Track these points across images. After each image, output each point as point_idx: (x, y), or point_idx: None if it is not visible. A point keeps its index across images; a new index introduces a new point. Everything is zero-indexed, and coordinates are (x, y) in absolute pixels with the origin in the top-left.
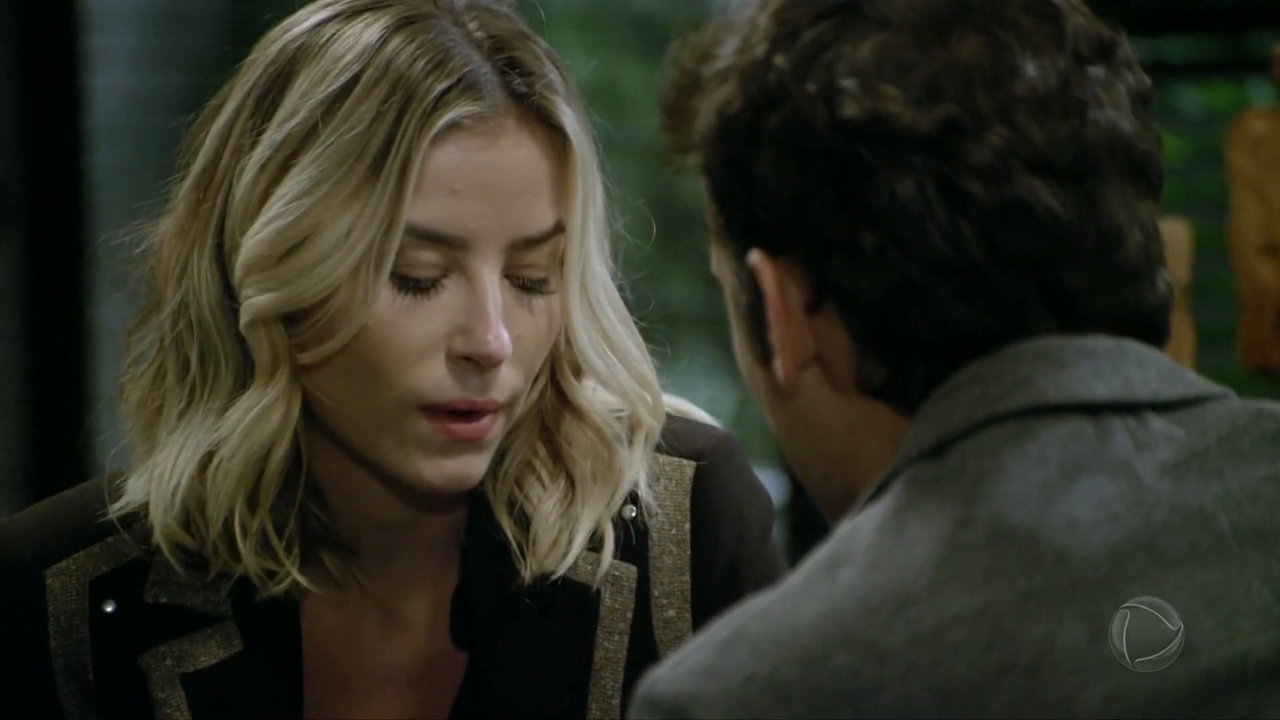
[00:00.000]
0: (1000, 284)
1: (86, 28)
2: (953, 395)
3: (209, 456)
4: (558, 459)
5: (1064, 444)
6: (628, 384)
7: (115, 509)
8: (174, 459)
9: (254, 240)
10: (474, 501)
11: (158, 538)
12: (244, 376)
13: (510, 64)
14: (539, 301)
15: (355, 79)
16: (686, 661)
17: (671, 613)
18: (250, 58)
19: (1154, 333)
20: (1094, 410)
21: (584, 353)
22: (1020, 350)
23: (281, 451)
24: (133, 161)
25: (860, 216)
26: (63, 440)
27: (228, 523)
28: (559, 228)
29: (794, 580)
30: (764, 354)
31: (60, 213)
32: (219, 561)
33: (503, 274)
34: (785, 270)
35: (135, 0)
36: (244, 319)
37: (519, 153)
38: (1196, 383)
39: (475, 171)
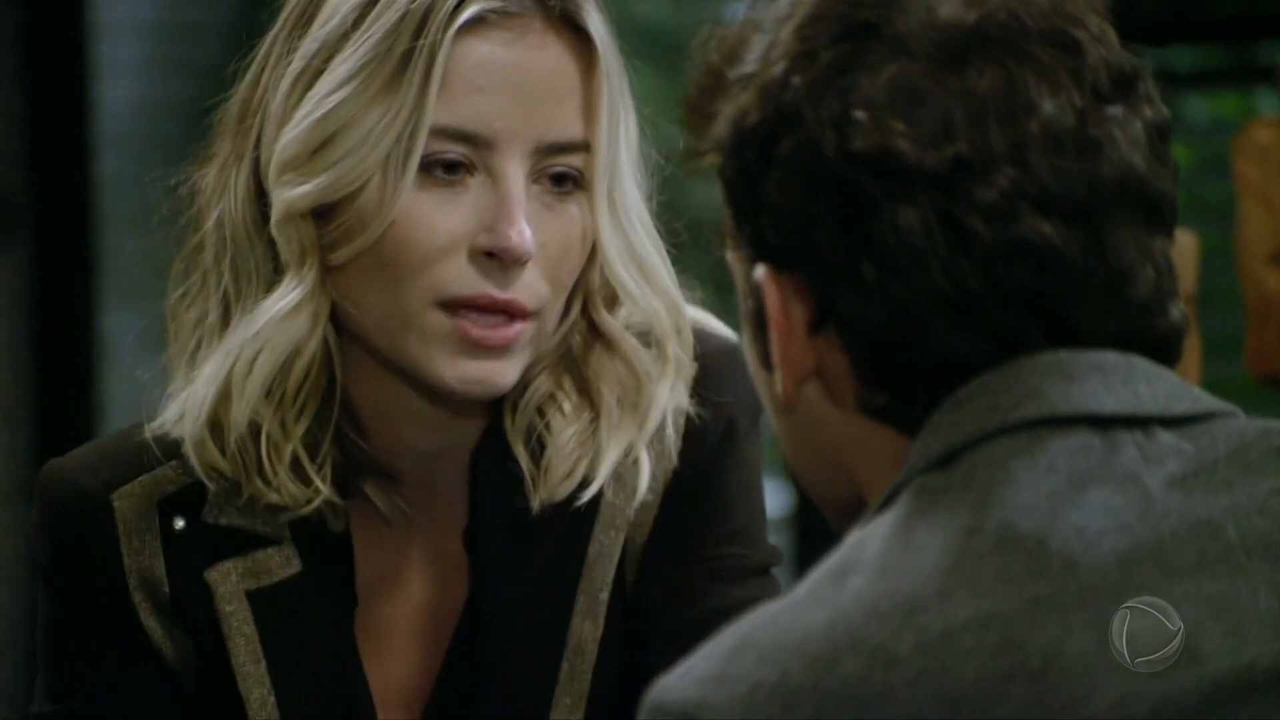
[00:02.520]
0: (1000, 318)
1: (93, 36)
2: (963, 405)
3: (231, 379)
4: (583, 390)
5: (1073, 455)
6: (657, 307)
7: (154, 427)
8: (208, 370)
9: (287, 139)
10: (489, 434)
11: (187, 449)
12: (274, 281)
13: None
14: (568, 208)
15: None
16: (694, 669)
17: (649, 497)
18: None
19: (1164, 356)
20: (1103, 423)
21: (613, 269)
22: (1031, 363)
23: (308, 356)
24: (140, 170)
25: (862, 245)
26: (71, 448)
27: (256, 436)
28: (585, 145)
29: (802, 588)
30: (766, 360)
31: (67, 222)
32: (250, 485)
33: (531, 180)
34: (790, 287)
35: (142, 9)
36: (275, 215)
37: (545, 54)
38: (1204, 399)
39: (501, 69)
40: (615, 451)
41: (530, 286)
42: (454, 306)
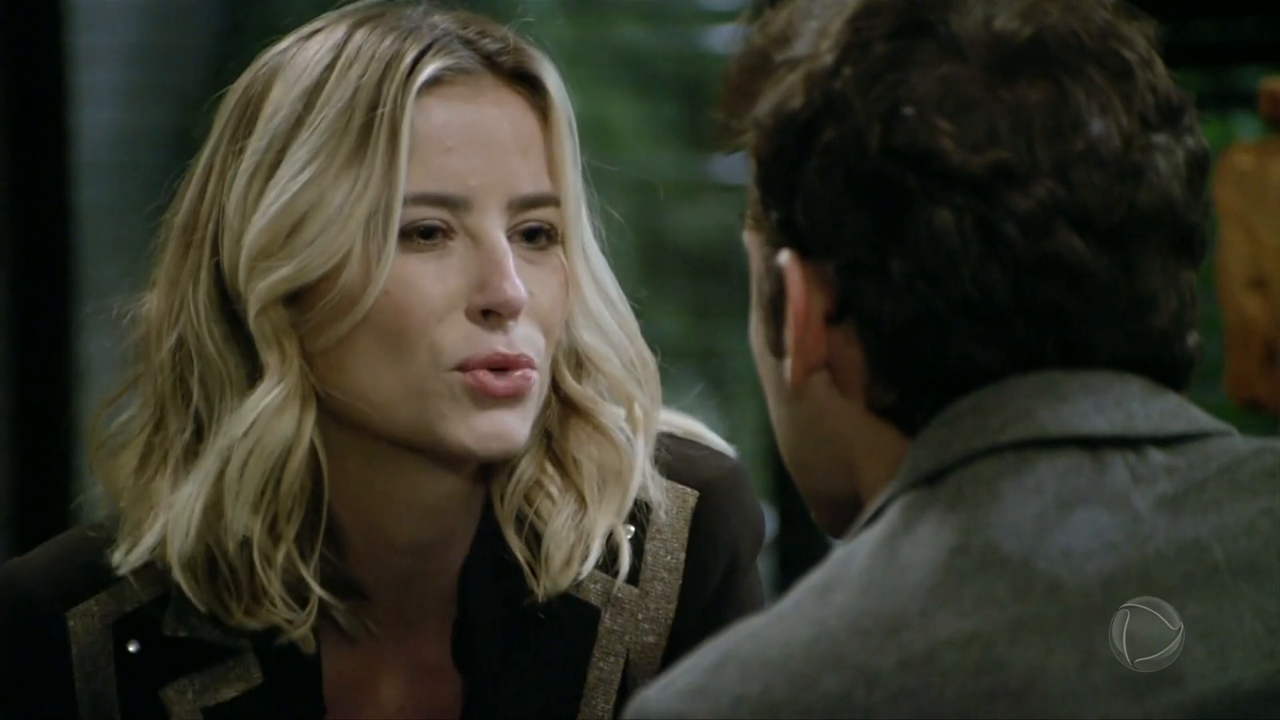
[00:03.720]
0: (1021, 331)
1: (73, 63)
2: (952, 424)
3: (222, 485)
4: (566, 472)
5: (1061, 477)
6: (622, 368)
7: (130, 560)
8: (189, 489)
9: (255, 230)
10: (481, 530)
11: (175, 575)
12: (251, 386)
13: (480, 34)
14: (549, 260)
15: (330, 67)
16: (676, 683)
17: (651, 639)
18: (218, 108)
19: (1174, 384)
20: (1093, 444)
21: (586, 325)
22: (1022, 382)
23: (300, 455)
24: (120, 197)
25: (894, 243)
26: (50, 476)
27: (246, 548)
28: (553, 200)
29: (786, 603)
30: (777, 345)
31: (47, 249)
32: (240, 606)
33: (507, 235)
34: (813, 276)
35: (123, 36)
36: (253, 309)
37: (504, 109)
38: (1201, 419)
39: (464, 127)
40: (601, 533)
41: (529, 338)
42: (464, 367)
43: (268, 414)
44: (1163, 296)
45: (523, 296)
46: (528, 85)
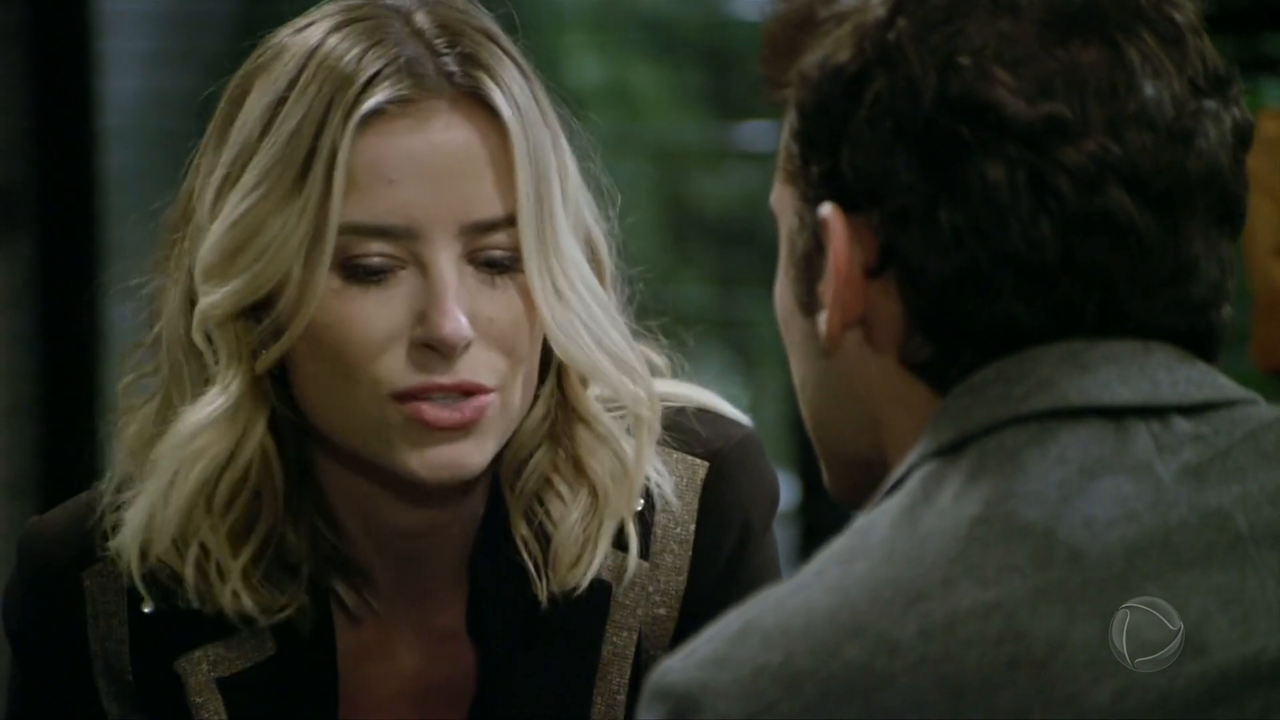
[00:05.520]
0: (1065, 290)
1: (99, 30)
2: (975, 392)
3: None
4: (579, 470)
5: (1084, 446)
6: (614, 376)
7: (114, 544)
8: (148, 485)
9: (205, 249)
10: (489, 516)
11: (131, 570)
12: (202, 392)
13: (449, 46)
14: (510, 281)
15: (293, 82)
16: (698, 652)
17: (663, 611)
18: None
19: (1205, 354)
20: (1116, 414)
21: (559, 343)
22: (1046, 351)
23: (242, 463)
24: (145, 163)
25: (945, 193)
26: (75, 443)
27: (200, 556)
28: (509, 220)
29: (807, 572)
30: (809, 303)
31: (72, 215)
32: (207, 597)
33: (465, 259)
34: (854, 229)
35: (148, 2)
36: (195, 320)
37: (454, 134)
38: (1227, 386)
39: (408, 157)
40: (610, 531)
41: (483, 364)
42: (405, 398)
43: (205, 423)
44: (1204, 265)
45: (462, 332)
46: (485, 104)
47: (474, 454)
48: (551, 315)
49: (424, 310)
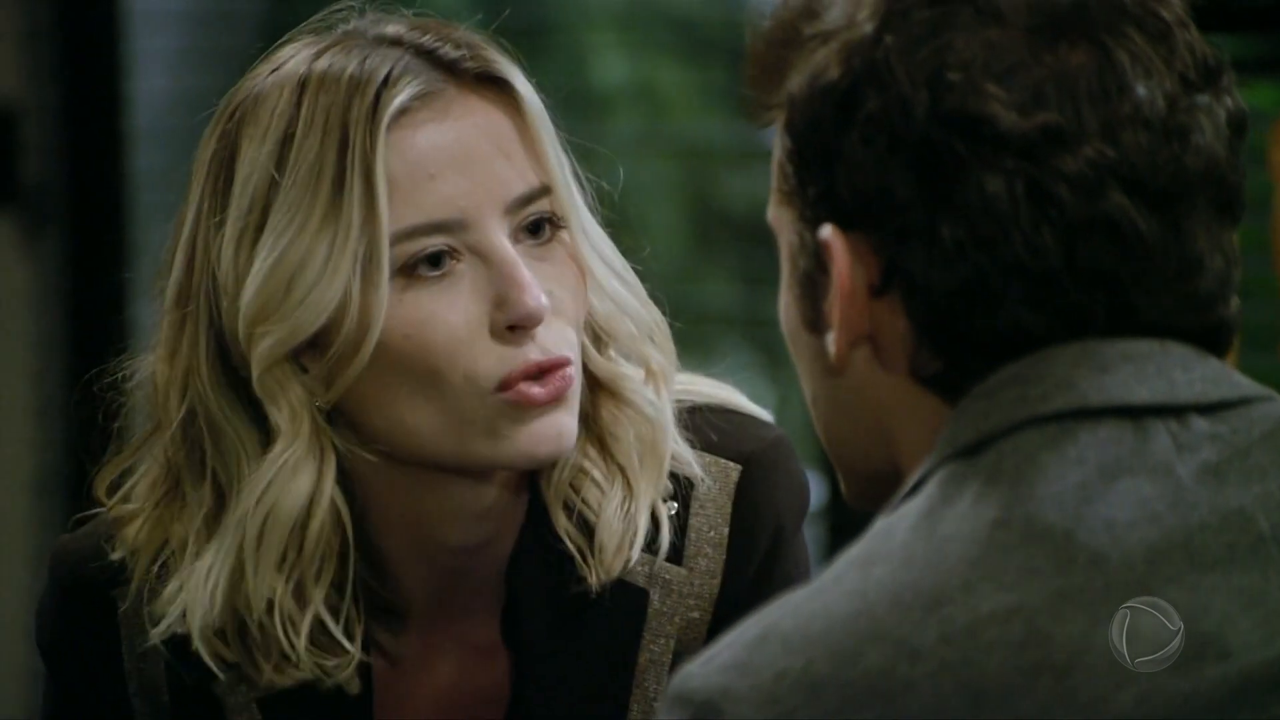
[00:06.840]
0: (1072, 295)
1: (128, 29)
2: (992, 395)
3: (243, 554)
4: (608, 456)
5: (1103, 446)
6: (639, 322)
7: (156, 633)
8: (208, 559)
9: (248, 296)
10: (528, 519)
11: (196, 644)
12: (265, 449)
13: (437, 40)
14: (555, 253)
15: (295, 117)
16: (719, 657)
17: (696, 614)
18: (193, 164)
19: (1214, 348)
20: (1135, 413)
21: (606, 293)
22: (1062, 352)
23: (322, 512)
24: (174, 163)
25: (944, 209)
26: (101, 441)
27: (271, 611)
28: (545, 189)
29: (827, 577)
30: (814, 321)
31: (102, 214)
32: (270, 665)
33: (513, 240)
34: (855, 248)
35: (177, 1)
36: (257, 370)
37: (474, 119)
38: (1244, 384)
39: (441, 150)
40: (646, 513)
41: (562, 337)
42: (505, 386)
43: (283, 476)
44: (1209, 258)
45: (543, 305)
46: (493, 85)
47: (571, 423)
48: (596, 271)
49: (497, 294)
